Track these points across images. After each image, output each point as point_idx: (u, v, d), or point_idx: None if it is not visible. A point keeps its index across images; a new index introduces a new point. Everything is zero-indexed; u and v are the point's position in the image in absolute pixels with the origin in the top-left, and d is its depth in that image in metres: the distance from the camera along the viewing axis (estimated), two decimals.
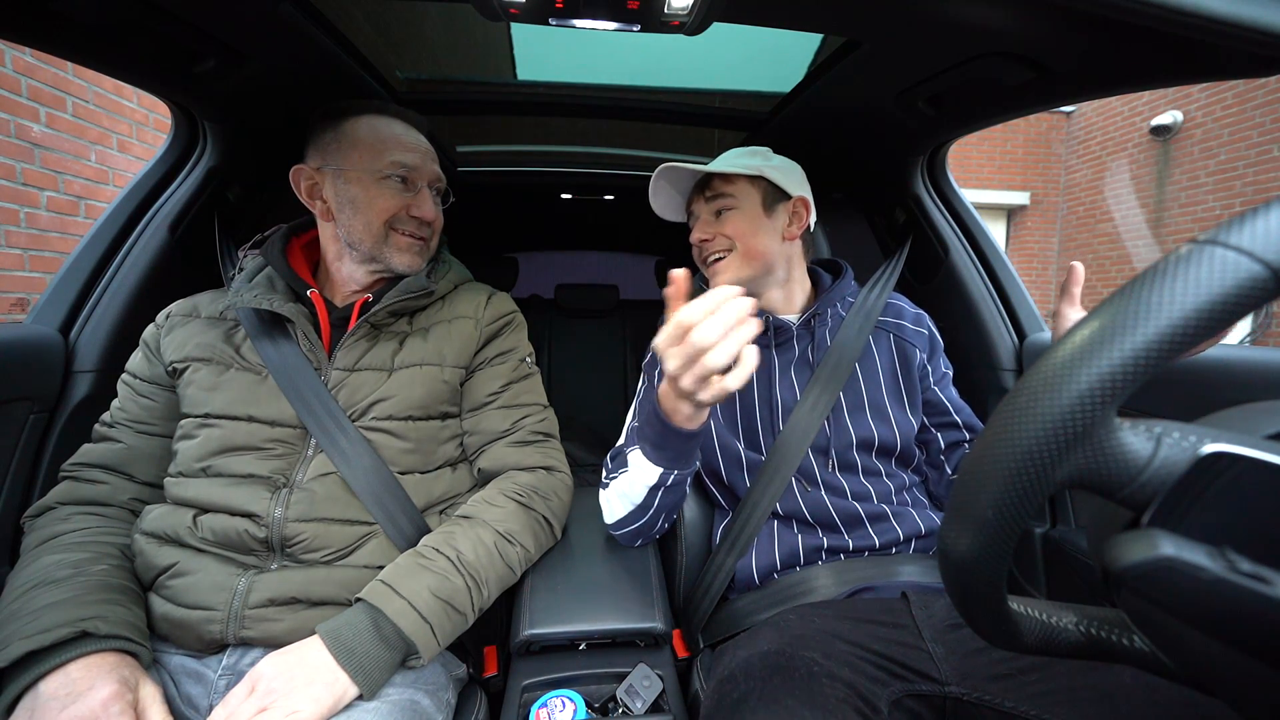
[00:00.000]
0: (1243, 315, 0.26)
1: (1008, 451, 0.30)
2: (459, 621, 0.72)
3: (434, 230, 0.92)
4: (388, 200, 0.85)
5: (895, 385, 0.93)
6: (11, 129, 2.37)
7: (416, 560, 0.72)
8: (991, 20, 0.72)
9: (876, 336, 0.96)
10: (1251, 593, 0.27)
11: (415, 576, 0.71)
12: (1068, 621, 0.40)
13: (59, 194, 2.60)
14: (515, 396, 0.91)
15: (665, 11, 0.69)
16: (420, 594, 0.69)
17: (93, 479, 0.79)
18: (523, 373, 0.93)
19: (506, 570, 0.79)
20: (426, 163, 0.89)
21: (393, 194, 0.85)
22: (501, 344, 0.92)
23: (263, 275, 0.85)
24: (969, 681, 0.64)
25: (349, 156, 0.84)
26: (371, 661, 0.65)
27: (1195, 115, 5.56)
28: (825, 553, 0.83)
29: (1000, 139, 7.03)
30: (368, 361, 0.83)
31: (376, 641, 0.66)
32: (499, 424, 0.88)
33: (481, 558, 0.76)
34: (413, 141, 0.89)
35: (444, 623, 0.70)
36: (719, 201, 0.94)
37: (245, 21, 0.80)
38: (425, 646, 0.68)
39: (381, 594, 0.68)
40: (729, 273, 0.93)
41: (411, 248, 0.88)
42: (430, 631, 0.68)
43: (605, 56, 1.21)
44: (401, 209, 0.86)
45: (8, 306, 2.43)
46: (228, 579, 0.71)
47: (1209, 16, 0.52)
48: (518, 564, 0.81)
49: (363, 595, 0.68)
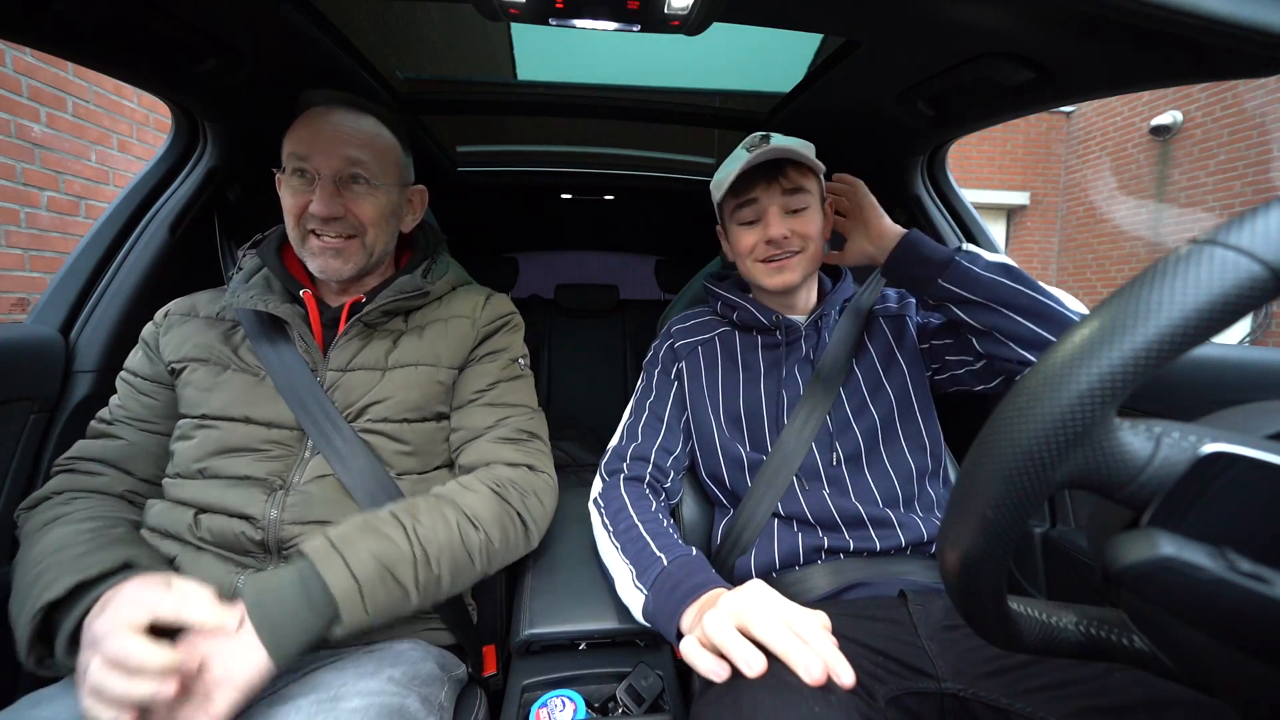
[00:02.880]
0: (1243, 315, 0.26)
1: (1008, 451, 0.30)
2: (398, 596, 0.65)
3: (363, 224, 0.81)
4: (289, 199, 0.80)
5: (892, 361, 0.93)
6: (11, 129, 2.37)
7: (368, 520, 0.68)
8: (991, 20, 0.72)
9: (870, 326, 0.96)
10: (1251, 593, 0.27)
11: (361, 536, 0.65)
12: (1067, 621, 0.40)
13: (59, 194, 2.60)
14: (502, 395, 0.88)
15: (665, 11, 0.69)
16: (359, 554, 0.63)
17: (90, 470, 0.78)
18: (513, 373, 0.91)
19: (464, 555, 0.72)
20: (331, 149, 0.78)
21: (292, 192, 0.80)
22: (494, 343, 0.91)
23: (259, 276, 0.84)
24: (965, 678, 0.64)
25: (282, 155, 0.82)
26: (285, 621, 0.58)
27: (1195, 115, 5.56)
28: (825, 553, 0.83)
29: (1000, 139, 7.03)
30: (360, 361, 0.82)
31: (300, 599, 0.60)
32: (482, 420, 0.85)
33: (439, 534, 0.70)
34: (321, 129, 0.79)
35: (377, 591, 0.63)
36: (798, 197, 0.88)
37: (245, 21, 0.80)
38: (350, 612, 0.60)
39: (320, 549, 0.63)
40: (792, 273, 0.88)
41: (324, 250, 0.80)
42: (359, 595, 0.61)
43: (605, 56, 1.21)
44: (303, 207, 0.79)
45: (8, 306, 2.43)
46: (226, 577, 0.71)
47: (1209, 16, 0.52)
48: (478, 552, 0.73)
49: (304, 549, 0.64)
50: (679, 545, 0.77)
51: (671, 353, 1.01)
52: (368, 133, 0.82)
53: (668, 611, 0.68)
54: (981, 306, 0.79)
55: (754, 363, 0.96)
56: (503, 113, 1.49)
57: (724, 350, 0.98)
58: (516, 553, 0.80)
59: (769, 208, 0.88)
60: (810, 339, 0.95)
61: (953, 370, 0.92)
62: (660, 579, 0.72)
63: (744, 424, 0.93)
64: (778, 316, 0.94)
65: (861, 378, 0.92)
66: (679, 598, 0.67)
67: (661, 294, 2.46)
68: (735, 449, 0.91)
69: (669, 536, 0.79)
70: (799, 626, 0.53)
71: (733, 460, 0.91)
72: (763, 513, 0.86)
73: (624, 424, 0.98)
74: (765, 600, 0.57)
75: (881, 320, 0.96)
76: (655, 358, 1.03)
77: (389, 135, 0.86)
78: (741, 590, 0.60)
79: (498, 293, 0.97)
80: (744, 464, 0.90)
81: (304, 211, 0.79)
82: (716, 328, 1.01)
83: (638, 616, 0.74)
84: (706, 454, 0.94)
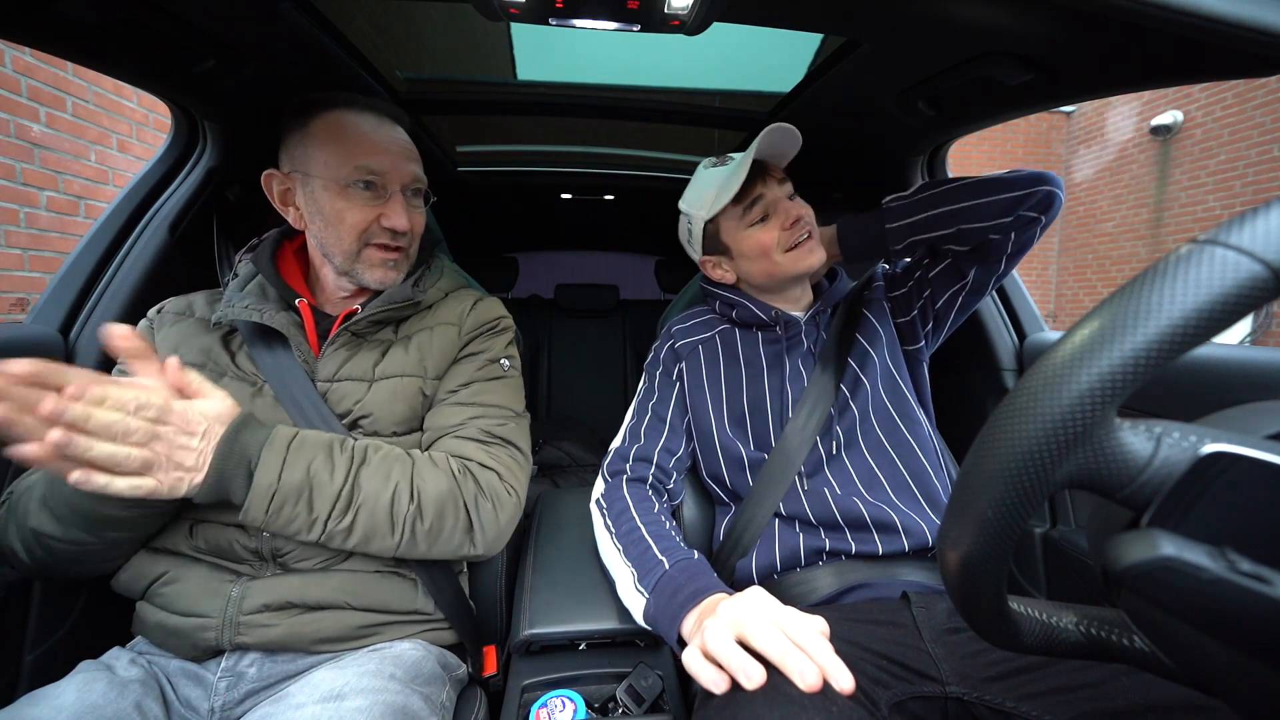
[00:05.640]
0: (1243, 315, 0.26)
1: (1008, 451, 0.30)
2: (303, 519, 0.66)
3: (413, 237, 0.85)
4: (356, 213, 0.78)
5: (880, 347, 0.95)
6: (11, 129, 2.37)
7: (333, 441, 0.70)
8: (991, 20, 0.72)
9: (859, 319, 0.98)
10: (1251, 593, 0.27)
11: (315, 449, 0.68)
12: (1068, 621, 0.40)
13: (59, 194, 2.60)
14: (475, 395, 0.84)
15: (665, 11, 0.69)
16: (298, 464, 0.66)
17: None
18: (491, 373, 0.87)
19: (386, 520, 0.70)
20: (400, 163, 0.81)
21: (361, 204, 0.79)
22: (475, 345, 0.88)
23: (255, 283, 0.82)
24: (969, 682, 0.64)
25: (314, 160, 0.78)
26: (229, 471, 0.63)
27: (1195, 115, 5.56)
28: (826, 555, 0.83)
29: (1000, 139, 7.02)
30: (347, 372, 0.80)
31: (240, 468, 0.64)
32: (451, 418, 0.81)
33: (373, 485, 0.70)
34: (382, 140, 0.80)
35: (287, 504, 0.65)
36: (787, 185, 0.93)
37: (245, 21, 0.80)
38: (255, 498, 0.64)
39: (277, 446, 0.66)
40: (817, 252, 0.91)
41: (385, 262, 0.82)
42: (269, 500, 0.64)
43: (605, 56, 1.21)
44: (373, 220, 0.79)
45: (8, 306, 2.43)
46: (221, 585, 0.71)
47: (1209, 16, 0.52)
48: (403, 523, 0.70)
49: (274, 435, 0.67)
50: (681, 549, 0.77)
51: (672, 353, 1.01)
52: (413, 147, 0.85)
53: (668, 616, 0.68)
54: (933, 216, 0.88)
55: (755, 359, 0.96)
56: (502, 113, 1.49)
57: (725, 347, 0.98)
58: (452, 546, 0.75)
59: (778, 199, 0.91)
60: (810, 334, 0.96)
61: (939, 294, 0.94)
62: (662, 583, 0.72)
63: (747, 421, 0.93)
64: (777, 312, 0.94)
65: (859, 368, 0.93)
66: (679, 603, 0.68)
67: (661, 294, 2.47)
68: (736, 448, 0.91)
69: (671, 539, 0.79)
70: (796, 633, 0.53)
71: (733, 460, 0.91)
72: (764, 512, 0.86)
73: (626, 425, 0.98)
74: (762, 609, 0.56)
75: (866, 311, 0.98)
76: (656, 359, 1.03)
77: None
78: (740, 598, 0.59)
79: (489, 296, 0.96)
80: (745, 463, 0.90)
81: (370, 226, 0.79)
82: (716, 326, 1.01)
83: (639, 620, 0.74)
84: (707, 453, 0.94)
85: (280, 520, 0.66)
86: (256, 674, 0.70)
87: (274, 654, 0.71)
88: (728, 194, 0.90)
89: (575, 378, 2.16)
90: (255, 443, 0.66)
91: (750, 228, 0.92)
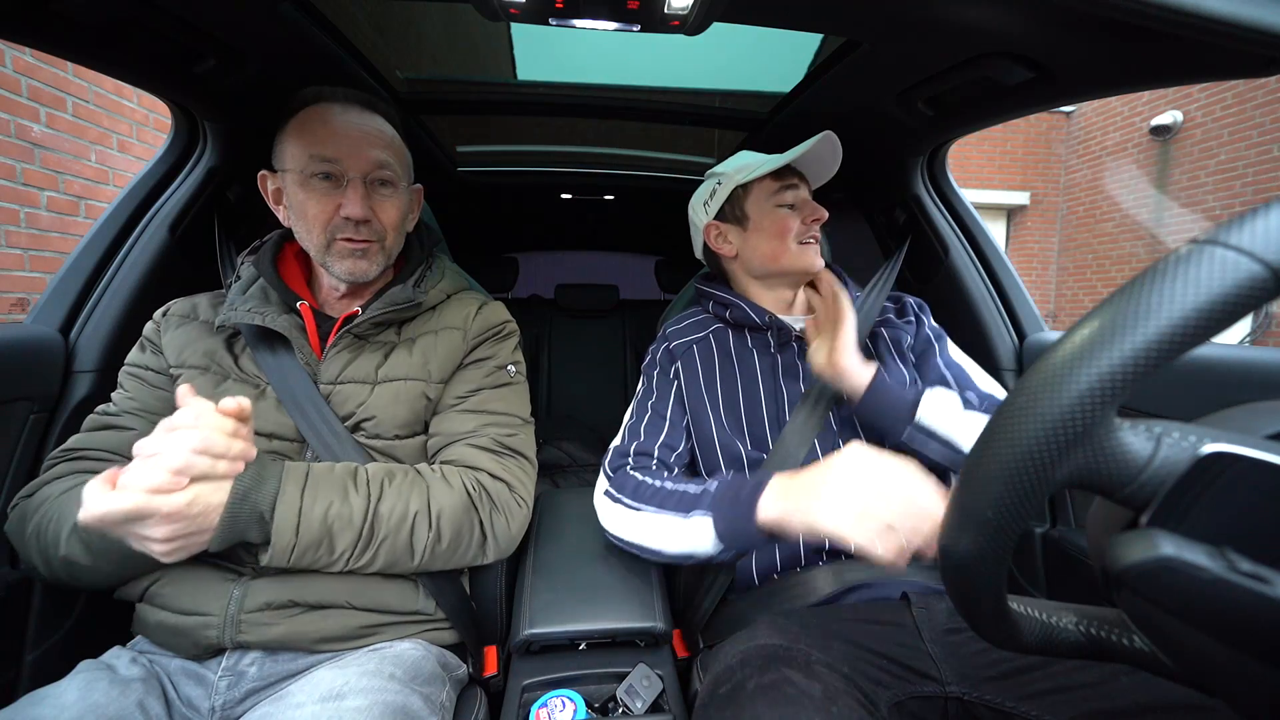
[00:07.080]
0: (1243, 315, 0.26)
1: (1008, 451, 0.30)
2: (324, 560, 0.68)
3: (384, 228, 0.81)
4: (316, 205, 0.77)
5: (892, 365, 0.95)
6: (11, 129, 2.37)
7: (345, 476, 0.70)
8: (991, 20, 0.72)
9: (874, 338, 0.98)
10: (1251, 593, 0.27)
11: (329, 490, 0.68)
12: (1068, 621, 0.40)
13: (59, 194, 2.60)
14: (484, 402, 0.84)
15: (665, 11, 0.69)
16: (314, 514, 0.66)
17: (96, 458, 0.75)
18: (498, 380, 0.87)
19: (406, 549, 0.72)
20: (359, 150, 0.77)
21: (320, 195, 0.77)
22: (481, 351, 0.88)
23: (257, 286, 0.82)
24: (969, 682, 0.64)
25: (286, 155, 0.78)
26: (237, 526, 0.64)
27: (1195, 115, 5.56)
28: (826, 555, 0.83)
29: (1000, 139, 7.03)
30: (350, 374, 0.80)
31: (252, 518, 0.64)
32: (461, 425, 0.82)
33: (392, 519, 0.70)
34: (340, 127, 0.77)
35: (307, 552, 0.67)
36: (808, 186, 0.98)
37: (245, 21, 0.80)
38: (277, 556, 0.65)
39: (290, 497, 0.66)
40: (819, 259, 0.97)
41: (352, 254, 0.79)
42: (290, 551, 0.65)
43: (605, 56, 1.22)
44: (334, 212, 0.77)
45: (8, 306, 2.43)
46: (223, 584, 0.71)
47: (1209, 16, 0.52)
48: (423, 549, 0.72)
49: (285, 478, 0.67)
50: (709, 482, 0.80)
51: (668, 354, 1.01)
52: (386, 133, 0.82)
53: (742, 516, 0.71)
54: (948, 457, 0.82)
55: (750, 360, 0.96)
56: (502, 113, 1.49)
57: (719, 347, 0.99)
58: (467, 558, 0.78)
59: (807, 198, 0.97)
60: (802, 343, 0.96)
61: None
62: (718, 497, 0.75)
63: (744, 421, 0.93)
64: (770, 317, 0.95)
65: None
66: (746, 497, 0.71)
67: (661, 294, 2.46)
68: (735, 447, 0.91)
69: (698, 483, 0.81)
70: None
71: (733, 459, 0.91)
72: None
73: (626, 424, 0.98)
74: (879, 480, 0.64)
75: (885, 334, 0.98)
76: (653, 361, 1.03)
77: (397, 134, 0.85)
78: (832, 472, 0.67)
79: (493, 300, 0.95)
80: (744, 463, 0.90)
81: (333, 218, 0.78)
82: (710, 325, 1.02)
83: (706, 547, 0.75)
84: (706, 451, 0.94)
85: (305, 562, 0.68)
86: (257, 673, 0.70)
87: (275, 653, 0.71)
88: (772, 165, 0.94)
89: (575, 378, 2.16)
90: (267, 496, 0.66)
91: (778, 207, 0.96)
